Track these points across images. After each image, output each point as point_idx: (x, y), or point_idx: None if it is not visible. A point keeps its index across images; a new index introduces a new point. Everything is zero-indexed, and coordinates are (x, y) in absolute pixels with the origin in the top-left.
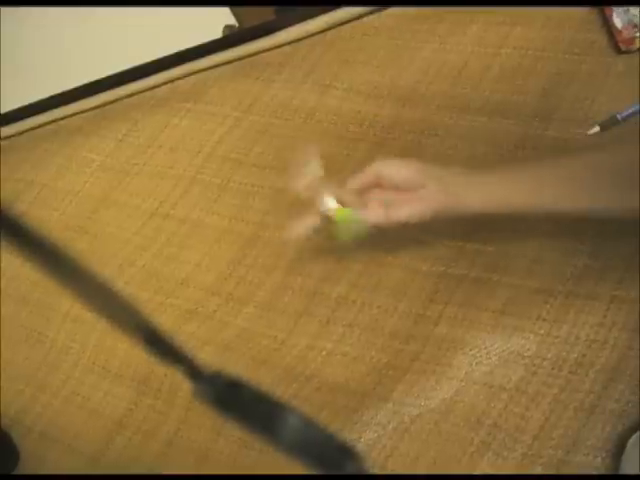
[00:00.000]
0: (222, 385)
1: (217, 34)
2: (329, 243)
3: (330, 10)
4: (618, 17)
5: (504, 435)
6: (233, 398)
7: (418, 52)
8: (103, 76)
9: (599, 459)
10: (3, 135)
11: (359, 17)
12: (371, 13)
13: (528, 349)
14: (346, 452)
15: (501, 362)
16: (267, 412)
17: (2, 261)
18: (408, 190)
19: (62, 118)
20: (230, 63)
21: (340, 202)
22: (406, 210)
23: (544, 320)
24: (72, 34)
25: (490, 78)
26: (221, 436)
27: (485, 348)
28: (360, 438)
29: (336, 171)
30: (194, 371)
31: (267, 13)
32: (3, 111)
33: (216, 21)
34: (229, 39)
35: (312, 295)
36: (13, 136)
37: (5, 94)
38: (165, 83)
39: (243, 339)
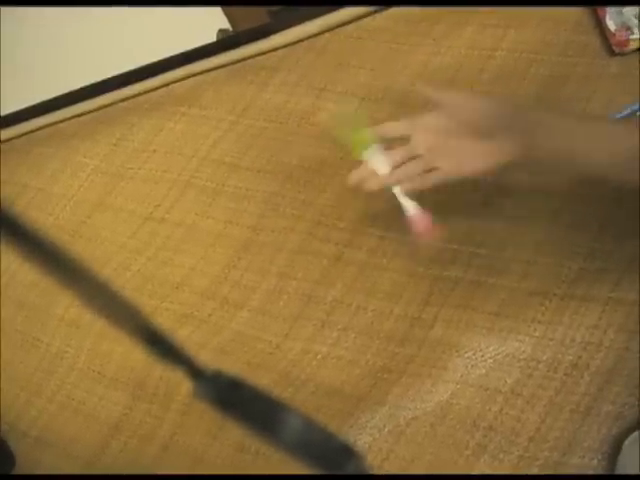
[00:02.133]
0: (223, 384)
1: (211, 38)
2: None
3: (324, 13)
4: (611, 19)
5: (500, 438)
6: (234, 397)
7: (412, 55)
8: (98, 80)
9: (595, 461)
10: (2, 138)
11: (353, 20)
12: (366, 16)
13: (523, 351)
14: (346, 451)
15: (496, 365)
16: (267, 411)
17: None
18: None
19: (57, 122)
20: (224, 67)
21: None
22: (476, 164)
23: (539, 322)
24: (68, 38)
25: (484, 81)
26: (217, 440)
27: (480, 351)
28: (356, 441)
29: (330, 176)
30: (195, 371)
31: (261, 17)
32: (3, 113)
33: (210, 25)
34: (223, 43)
35: (307, 299)
36: (10, 139)
37: (5, 95)
38: (160, 87)
39: (238, 343)
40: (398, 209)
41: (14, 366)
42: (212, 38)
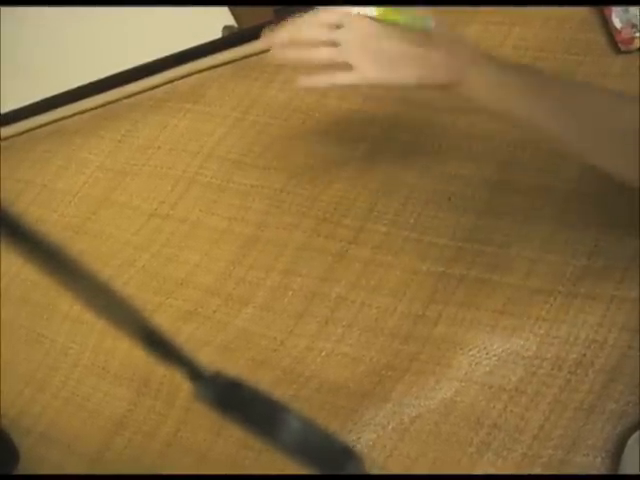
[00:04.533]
0: (222, 386)
1: (216, 35)
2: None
3: None
4: (617, 17)
5: (504, 435)
6: (233, 399)
7: None
8: (102, 77)
9: (599, 459)
10: (3, 135)
11: None
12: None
13: (528, 349)
14: (345, 452)
15: (501, 362)
16: (267, 413)
17: (2, 262)
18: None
19: (61, 119)
20: (229, 64)
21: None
22: (410, 72)
23: (544, 320)
24: (72, 35)
25: None
26: (220, 437)
27: (485, 348)
28: (360, 439)
29: (335, 173)
30: (194, 372)
31: (266, 14)
32: (3, 111)
33: (215, 22)
34: (228, 40)
35: (311, 296)
36: (13, 136)
37: (5, 94)
38: (164, 84)
39: (242, 340)
40: None
41: (18, 362)
42: (217, 35)
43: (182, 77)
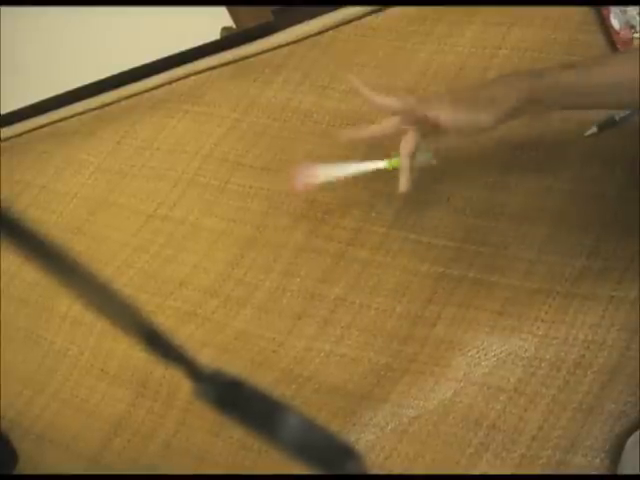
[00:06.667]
0: (222, 384)
1: (215, 36)
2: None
3: (328, 11)
4: (615, 18)
5: (502, 436)
6: (233, 397)
7: (416, 53)
8: (101, 78)
9: (597, 460)
10: (2, 136)
11: (357, 18)
12: (369, 14)
13: (526, 350)
14: (346, 451)
15: (499, 363)
16: (267, 411)
17: (1, 262)
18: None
19: (60, 120)
20: (228, 65)
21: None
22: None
23: (542, 321)
24: (71, 35)
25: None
26: (219, 438)
27: (483, 349)
28: (359, 439)
29: None
30: (194, 370)
31: (265, 15)
32: (2, 112)
33: (214, 23)
34: (227, 41)
35: (310, 297)
36: (12, 137)
37: (4, 95)
38: (163, 85)
39: (241, 341)
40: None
41: (17, 364)
42: (216, 36)
43: (181, 78)
